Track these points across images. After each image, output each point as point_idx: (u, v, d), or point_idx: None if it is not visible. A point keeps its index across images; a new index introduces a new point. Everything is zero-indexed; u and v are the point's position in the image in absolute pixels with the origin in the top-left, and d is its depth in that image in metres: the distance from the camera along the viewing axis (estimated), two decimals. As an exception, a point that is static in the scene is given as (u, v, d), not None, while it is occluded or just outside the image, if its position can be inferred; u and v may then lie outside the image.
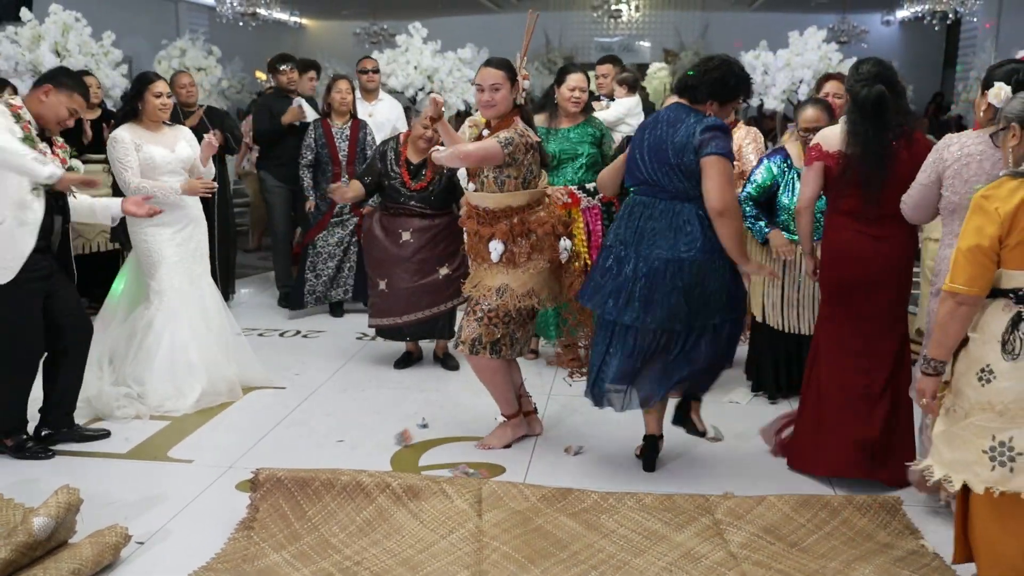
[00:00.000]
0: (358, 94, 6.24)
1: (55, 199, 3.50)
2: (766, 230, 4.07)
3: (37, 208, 3.42)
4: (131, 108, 4.17)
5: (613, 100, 5.89)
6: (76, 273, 3.73)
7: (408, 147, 4.53)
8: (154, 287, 4.18)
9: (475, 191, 3.52)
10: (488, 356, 3.50)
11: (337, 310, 5.93)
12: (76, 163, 3.66)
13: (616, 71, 6.04)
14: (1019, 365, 2.35)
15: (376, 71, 6.46)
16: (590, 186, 4.58)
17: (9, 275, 3.37)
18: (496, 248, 3.42)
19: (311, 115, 5.99)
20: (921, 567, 2.75)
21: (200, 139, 4.42)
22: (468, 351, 3.52)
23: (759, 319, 4.27)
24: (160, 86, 4.16)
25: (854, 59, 8.61)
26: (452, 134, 3.65)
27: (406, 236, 4.50)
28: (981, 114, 2.93)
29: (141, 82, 4.18)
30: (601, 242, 4.59)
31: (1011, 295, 2.39)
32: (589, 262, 4.60)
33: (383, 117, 6.24)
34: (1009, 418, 2.37)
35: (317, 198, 5.67)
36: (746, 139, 4.68)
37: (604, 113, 5.60)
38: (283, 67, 6.09)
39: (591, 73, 8.37)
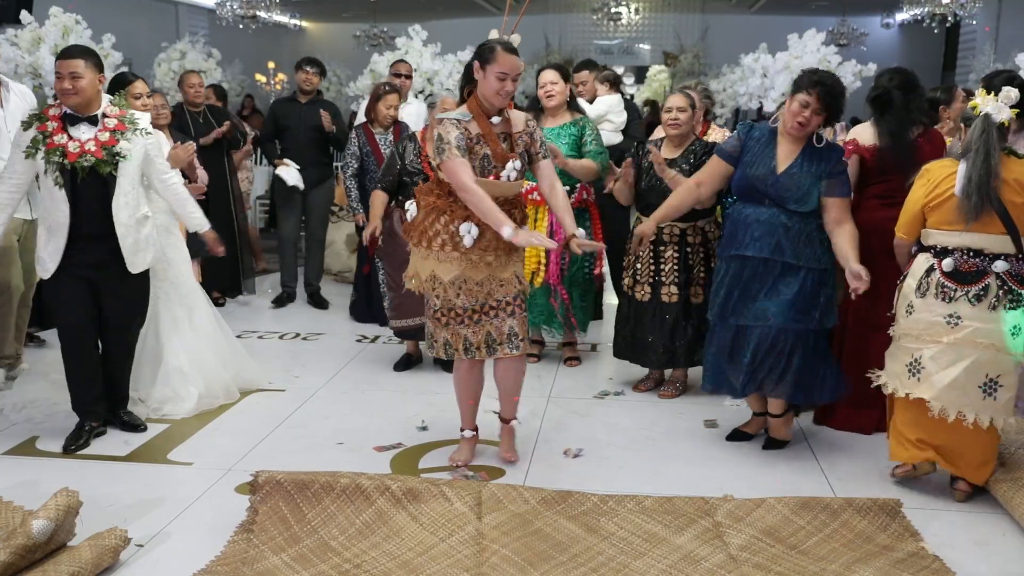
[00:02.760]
0: None
1: (100, 185, 3.54)
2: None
3: (60, 199, 3.50)
4: None
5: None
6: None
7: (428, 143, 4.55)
8: None
9: (516, 180, 3.30)
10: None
11: None
12: (140, 143, 3.65)
13: (593, 76, 6.03)
14: (927, 302, 3.14)
15: (409, 76, 6.49)
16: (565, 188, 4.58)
17: (52, 269, 3.54)
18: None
19: (292, 178, 6.02)
20: (921, 569, 2.75)
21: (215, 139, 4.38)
22: (524, 350, 3.43)
23: None
24: (139, 87, 4.11)
25: (853, 62, 8.67)
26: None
27: None
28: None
29: (119, 84, 4.13)
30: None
31: (931, 250, 3.18)
32: (544, 261, 4.58)
33: (409, 120, 6.21)
34: (921, 341, 3.16)
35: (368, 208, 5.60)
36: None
37: (588, 108, 5.61)
38: (308, 68, 6.12)
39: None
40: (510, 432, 3.62)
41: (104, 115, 3.58)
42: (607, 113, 5.68)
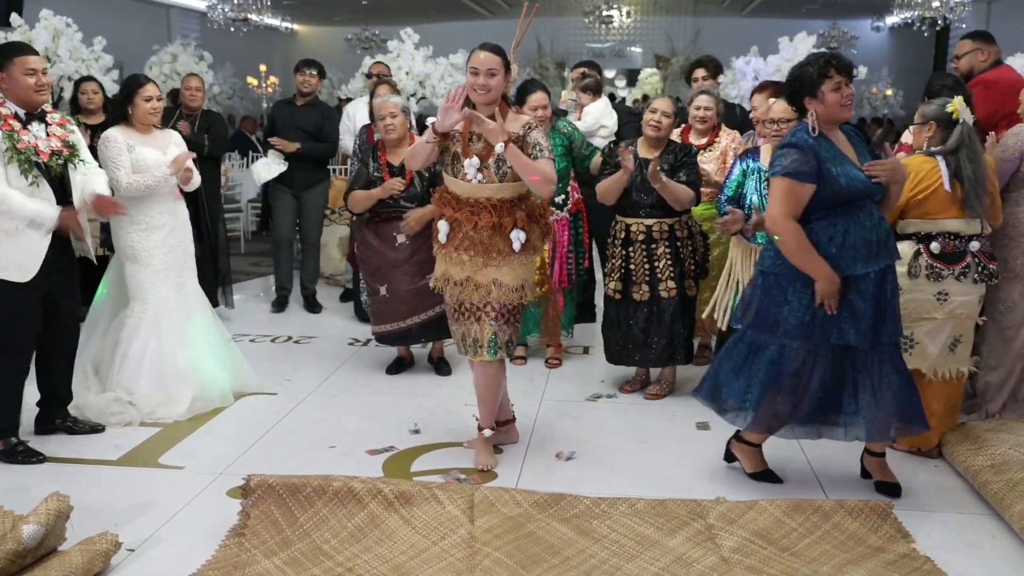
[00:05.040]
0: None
1: (60, 190, 3.53)
2: (724, 209, 4.01)
3: (45, 197, 3.47)
4: (121, 112, 4.16)
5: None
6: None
7: (386, 150, 4.54)
8: (137, 294, 4.15)
9: (481, 182, 3.31)
10: (506, 358, 3.46)
11: None
12: (77, 135, 3.69)
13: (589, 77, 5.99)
14: (917, 283, 3.46)
15: (372, 76, 6.48)
16: (559, 199, 4.60)
17: (28, 275, 3.44)
18: (519, 237, 3.31)
19: (264, 173, 6.00)
20: (912, 571, 2.76)
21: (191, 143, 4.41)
22: (495, 356, 3.40)
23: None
24: (150, 89, 4.13)
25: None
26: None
27: (401, 238, 4.48)
28: None
29: (130, 85, 4.15)
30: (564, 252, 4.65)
31: (912, 237, 3.48)
32: (549, 272, 4.65)
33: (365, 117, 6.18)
34: (911, 319, 3.44)
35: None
36: (732, 144, 4.68)
37: (579, 124, 5.60)
38: (306, 70, 6.09)
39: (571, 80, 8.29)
40: (481, 440, 3.60)
41: (45, 111, 3.59)
42: (599, 120, 5.64)
